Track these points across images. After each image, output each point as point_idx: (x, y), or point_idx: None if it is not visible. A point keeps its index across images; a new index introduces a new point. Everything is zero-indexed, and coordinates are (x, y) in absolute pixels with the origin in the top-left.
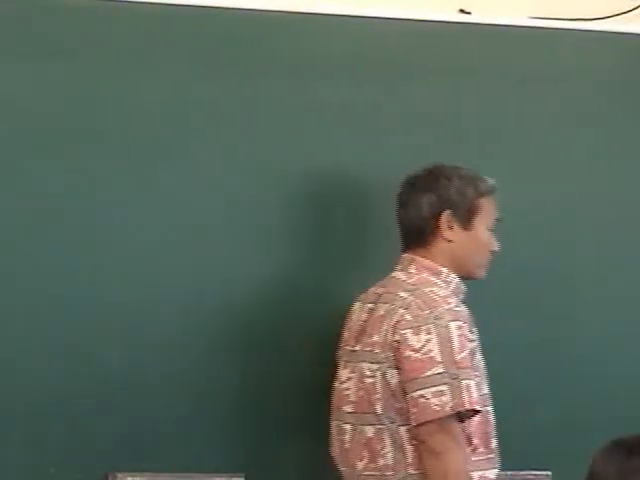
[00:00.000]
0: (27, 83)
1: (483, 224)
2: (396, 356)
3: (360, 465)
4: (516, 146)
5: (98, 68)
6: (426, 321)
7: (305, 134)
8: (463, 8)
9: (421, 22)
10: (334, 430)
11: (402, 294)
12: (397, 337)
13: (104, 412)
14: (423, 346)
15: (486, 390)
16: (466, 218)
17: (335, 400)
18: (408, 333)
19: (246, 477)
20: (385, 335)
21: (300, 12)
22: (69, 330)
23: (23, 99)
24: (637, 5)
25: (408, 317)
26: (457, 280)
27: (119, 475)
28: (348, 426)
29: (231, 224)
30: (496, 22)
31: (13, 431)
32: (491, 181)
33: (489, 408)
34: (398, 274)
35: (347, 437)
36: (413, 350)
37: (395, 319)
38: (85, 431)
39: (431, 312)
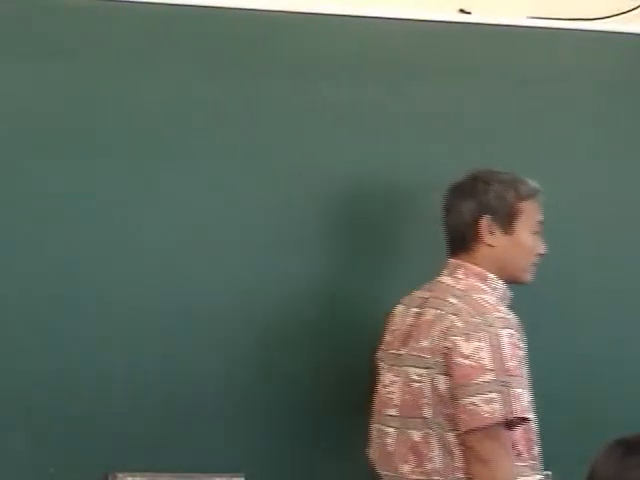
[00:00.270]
0: (27, 83)
1: (525, 228)
2: (446, 362)
3: (406, 468)
4: (516, 146)
5: (98, 68)
6: (477, 328)
7: (307, 134)
8: (463, 8)
9: (421, 22)
10: (374, 433)
11: (451, 300)
12: (448, 344)
13: (104, 412)
14: (474, 353)
15: (530, 398)
16: (507, 222)
17: (377, 403)
18: (459, 340)
19: (246, 477)
20: (435, 341)
21: (301, 12)
22: (69, 330)
23: (23, 99)
24: (637, 5)
25: (459, 324)
26: (504, 287)
27: (119, 475)
28: (392, 429)
29: (232, 224)
30: (496, 22)
31: (13, 431)
32: (533, 184)
33: (532, 416)
34: (445, 279)
35: (390, 440)
36: (464, 357)
37: (445, 325)
38: (85, 431)
39: (483, 319)
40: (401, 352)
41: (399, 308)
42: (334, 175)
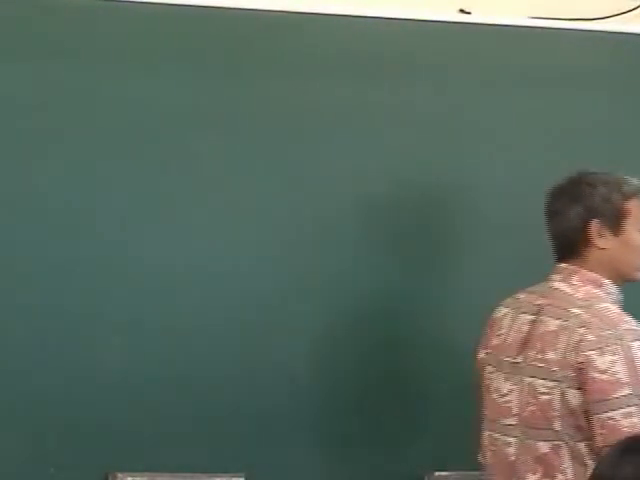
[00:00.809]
0: (27, 83)
1: (634, 227)
2: (579, 377)
3: (532, 479)
4: (516, 146)
5: (98, 68)
6: (609, 341)
7: (307, 134)
8: (463, 8)
9: (421, 22)
10: (488, 441)
11: (575, 310)
12: (581, 358)
13: (104, 412)
14: (609, 367)
15: None
16: (615, 224)
17: (491, 411)
18: (593, 354)
19: (246, 477)
20: (563, 354)
21: (301, 12)
22: (69, 330)
23: (23, 99)
24: (637, 5)
25: (591, 337)
26: (617, 291)
27: (119, 475)
28: (512, 439)
29: (232, 224)
30: (496, 22)
31: (13, 431)
32: (637, 182)
33: None
34: (560, 285)
35: (512, 450)
36: (599, 372)
37: (575, 339)
38: (85, 431)
39: (613, 332)
40: (518, 360)
41: (503, 311)
42: (334, 175)
